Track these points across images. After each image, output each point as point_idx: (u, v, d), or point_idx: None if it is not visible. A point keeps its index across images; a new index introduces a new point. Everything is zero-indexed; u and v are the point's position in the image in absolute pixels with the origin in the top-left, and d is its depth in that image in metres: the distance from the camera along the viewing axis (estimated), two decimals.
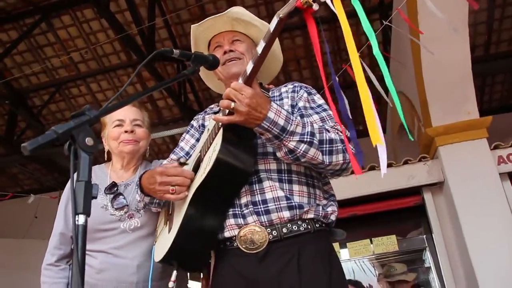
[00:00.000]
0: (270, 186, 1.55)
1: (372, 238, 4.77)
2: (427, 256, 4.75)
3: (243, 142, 1.53)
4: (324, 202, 1.64)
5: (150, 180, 1.62)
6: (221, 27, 1.82)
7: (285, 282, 1.46)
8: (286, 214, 1.53)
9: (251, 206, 1.54)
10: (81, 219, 1.01)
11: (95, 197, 1.05)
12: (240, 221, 1.54)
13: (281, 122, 1.41)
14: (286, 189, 1.56)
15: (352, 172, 4.39)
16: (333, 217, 1.63)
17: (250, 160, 1.53)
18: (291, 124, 1.43)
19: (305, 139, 1.43)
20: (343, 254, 4.79)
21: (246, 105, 1.37)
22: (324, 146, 1.47)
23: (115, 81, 8.00)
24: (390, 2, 5.95)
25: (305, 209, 1.55)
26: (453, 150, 4.67)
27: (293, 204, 1.54)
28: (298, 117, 1.50)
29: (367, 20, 1.34)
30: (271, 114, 1.40)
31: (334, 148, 1.49)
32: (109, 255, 1.88)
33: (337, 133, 1.54)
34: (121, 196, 1.97)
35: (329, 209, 1.63)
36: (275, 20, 1.35)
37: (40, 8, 6.86)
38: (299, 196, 1.57)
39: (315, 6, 1.29)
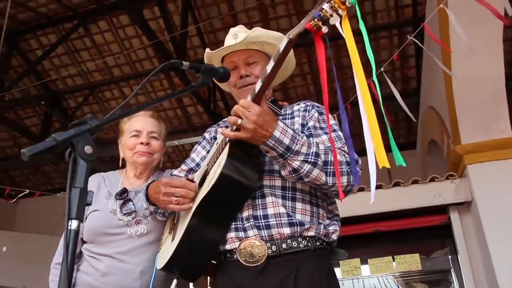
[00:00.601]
0: (273, 202, 1.56)
1: (395, 256, 4.67)
2: (453, 278, 4.62)
3: (249, 158, 1.55)
4: (327, 222, 1.64)
5: (155, 190, 1.65)
6: (235, 46, 1.83)
7: None
8: (287, 230, 1.53)
9: (252, 220, 1.55)
10: (73, 224, 1.03)
11: (89, 204, 1.07)
12: (241, 234, 1.55)
13: (287, 141, 1.42)
14: (288, 206, 1.57)
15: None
16: (334, 236, 1.62)
17: (254, 176, 1.55)
18: (297, 144, 1.44)
19: (309, 159, 1.44)
20: (364, 270, 4.70)
21: (253, 123, 1.39)
22: (329, 167, 1.47)
23: (147, 86, 8.14)
24: (423, 14, 5.87)
25: (306, 227, 1.55)
26: (483, 169, 4.54)
27: (294, 221, 1.54)
28: (304, 137, 1.50)
29: (369, 46, 1.34)
30: (276, 133, 1.41)
31: (339, 170, 1.48)
32: (114, 260, 1.91)
33: (343, 155, 1.54)
34: (130, 202, 2.01)
35: (331, 228, 1.62)
36: (285, 41, 1.38)
37: (78, 13, 7.08)
38: (301, 214, 1.57)
39: (324, 29, 1.32)
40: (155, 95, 8.34)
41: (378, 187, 4.71)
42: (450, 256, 4.63)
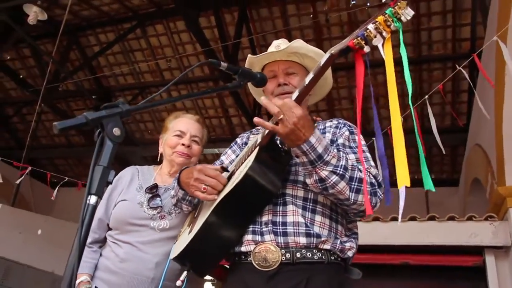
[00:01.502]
0: (293, 211, 1.57)
1: None
2: None
3: (275, 165, 1.56)
4: (345, 238, 1.62)
5: (188, 175, 1.67)
6: (276, 56, 1.84)
7: None
8: (303, 240, 1.52)
9: (271, 225, 1.55)
10: (92, 199, 1.06)
11: (110, 183, 1.10)
12: (258, 238, 1.55)
13: (320, 149, 1.42)
14: (307, 217, 1.56)
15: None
16: (350, 253, 1.60)
17: (278, 182, 1.55)
18: (328, 155, 1.44)
19: (337, 171, 1.43)
20: None
21: (292, 124, 1.39)
22: (353, 183, 1.46)
23: (195, 91, 8.30)
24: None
25: (322, 239, 1.54)
26: None
27: (311, 232, 1.53)
28: (335, 150, 1.50)
29: (408, 70, 1.34)
30: (312, 139, 1.42)
31: (362, 188, 1.47)
32: (133, 248, 1.97)
33: (369, 175, 1.52)
34: (158, 198, 2.06)
35: (347, 245, 1.60)
36: (326, 55, 1.39)
37: (138, 15, 7.33)
38: (319, 227, 1.56)
39: (366, 49, 1.33)
40: (202, 101, 8.49)
41: (412, 218, 4.59)
42: None
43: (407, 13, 1.30)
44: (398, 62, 1.36)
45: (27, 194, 10.05)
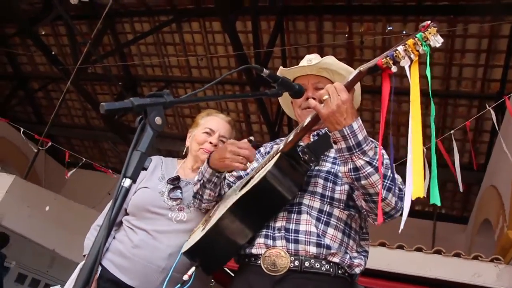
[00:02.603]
0: (307, 220, 1.58)
1: None
2: None
3: (294, 172, 1.59)
4: (355, 254, 1.63)
5: (220, 152, 1.70)
6: (307, 70, 1.86)
7: None
8: (313, 249, 1.54)
9: (284, 231, 1.57)
10: (127, 182, 1.09)
11: (145, 169, 1.13)
12: (269, 242, 1.58)
13: (360, 137, 1.42)
14: (320, 229, 1.58)
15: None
16: (357, 270, 1.61)
17: (294, 189, 1.57)
18: (367, 145, 1.43)
19: (373, 163, 1.43)
20: None
21: (336, 105, 1.40)
22: (386, 181, 1.46)
23: (220, 93, 8.36)
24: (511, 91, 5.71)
25: (332, 251, 1.55)
26: None
27: (322, 243, 1.55)
28: (373, 144, 1.50)
29: (430, 93, 1.37)
30: (355, 125, 1.42)
31: (393, 187, 1.47)
32: (149, 236, 1.98)
33: (398, 181, 1.53)
34: (179, 190, 2.08)
35: (356, 261, 1.61)
36: (355, 72, 1.44)
37: (176, 10, 7.44)
38: (330, 240, 1.57)
39: (394, 69, 1.37)
40: (226, 104, 8.55)
41: (418, 249, 4.58)
42: None
43: (436, 40, 1.33)
44: (423, 94, 1.39)
45: (40, 170, 10.17)
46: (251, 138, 1.80)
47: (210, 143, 2.15)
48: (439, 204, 1.33)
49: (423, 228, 8.20)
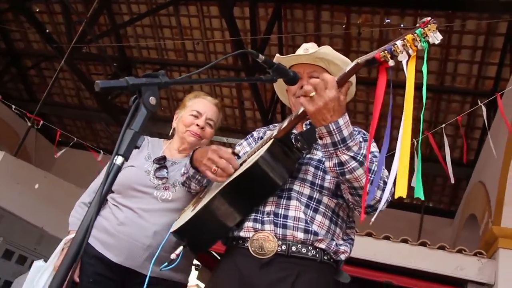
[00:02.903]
0: (296, 206, 1.61)
1: None
2: None
3: (286, 159, 1.60)
4: (341, 241, 1.66)
5: (202, 153, 1.71)
6: (303, 59, 1.88)
7: None
8: (300, 235, 1.57)
9: (272, 216, 1.60)
10: (119, 159, 1.11)
11: (138, 147, 1.15)
12: (258, 226, 1.60)
13: (345, 133, 1.44)
14: (308, 215, 1.61)
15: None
16: (342, 257, 1.64)
17: (285, 176, 1.59)
18: (352, 141, 1.46)
19: (357, 158, 1.45)
20: None
21: (323, 103, 1.41)
22: (371, 175, 1.48)
23: (232, 77, 8.34)
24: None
25: (319, 238, 1.58)
26: None
27: (310, 229, 1.58)
28: (358, 140, 1.52)
29: (425, 85, 1.38)
30: (340, 121, 1.43)
31: (377, 181, 1.48)
32: (134, 213, 2.01)
33: (384, 174, 1.54)
34: (164, 169, 2.11)
35: (342, 248, 1.64)
36: (352, 64, 1.45)
37: None
38: (318, 226, 1.60)
39: (391, 63, 1.38)
40: (220, 89, 8.53)
41: (404, 240, 4.64)
42: None
43: (435, 37, 1.34)
44: (417, 87, 1.40)
45: (30, 147, 10.12)
46: (238, 152, 1.81)
47: (197, 125, 2.17)
48: (422, 198, 1.35)
49: (410, 221, 8.30)
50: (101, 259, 1.97)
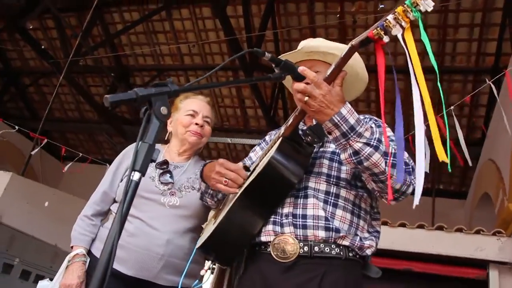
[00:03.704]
0: (314, 204, 1.58)
1: None
2: None
3: (297, 156, 1.58)
4: (366, 235, 1.62)
5: (211, 168, 1.71)
6: (298, 57, 1.84)
7: None
8: (322, 233, 1.54)
9: (291, 217, 1.57)
10: (136, 175, 1.07)
11: (154, 161, 1.12)
12: (278, 229, 1.57)
13: (352, 121, 1.41)
14: (328, 211, 1.57)
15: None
16: (368, 252, 1.60)
17: (299, 173, 1.56)
18: (361, 127, 1.42)
19: (371, 143, 1.42)
20: None
21: (319, 103, 1.40)
22: (388, 158, 1.44)
23: (213, 78, 8.30)
24: (506, 66, 5.70)
25: (341, 234, 1.54)
26: None
27: (331, 226, 1.54)
28: (369, 124, 1.49)
29: (431, 52, 1.34)
30: (343, 111, 1.41)
31: (398, 163, 1.42)
32: (143, 223, 1.97)
33: (405, 156, 1.51)
34: (168, 174, 2.07)
35: (367, 243, 1.60)
36: (347, 48, 1.42)
37: None
38: (340, 221, 1.56)
39: (386, 39, 1.33)
40: (219, 90, 8.50)
41: (420, 226, 4.60)
42: None
43: (427, 4, 1.29)
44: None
45: (36, 166, 10.10)
46: (247, 165, 1.80)
47: (196, 124, 2.14)
48: (447, 161, 1.28)
49: (422, 205, 8.05)
50: (114, 274, 1.91)
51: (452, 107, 3.66)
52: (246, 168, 1.74)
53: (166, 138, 2.29)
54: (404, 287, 4.58)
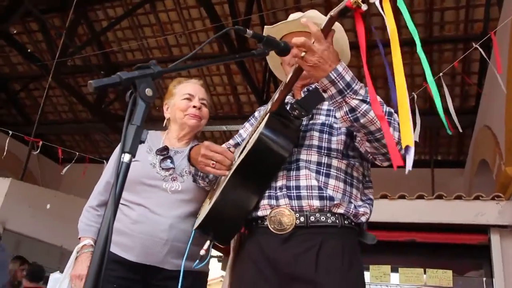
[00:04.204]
0: (306, 175, 1.59)
1: (427, 269, 4.57)
2: None
3: (285, 130, 1.59)
4: (359, 203, 1.64)
5: (197, 151, 1.72)
6: (291, 27, 1.84)
7: (300, 268, 1.50)
8: (316, 203, 1.55)
9: (285, 190, 1.58)
10: (126, 157, 1.08)
11: (143, 142, 1.12)
12: (273, 202, 1.59)
13: (348, 78, 1.41)
14: (321, 181, 1.58)
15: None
16: (363, 219, 1.62)
17: (288, 146, 1.58)
18: (357, 84, 1.42)
19: (367, 100, 1.41)
20: (393, 278, 4.63)
21: (317, 58, 1.40)
22: (387, 117, 1.44)
23: (203, 69, 8.29)
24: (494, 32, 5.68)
25: (335, 202, 1.55)
26: None
27: (325, 195, 1.55)
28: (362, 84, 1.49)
29: (410, 19, 1.34)
30: (339, 68, 1.41)
31: (393, 122, 1.46)
32: (146, 210, 1.98)
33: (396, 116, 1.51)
34: (169, 160, 2.08)
35: (361, 210, 1.61)
36: (326, 19, 1.43)
37: None
38: (333, 190, 1.58)
39: (364, 7, 1.33)
40: (211, 79, 8.48)
41: (420, 197, 4.63)
42: (485, 279, 4.48)
43: None
44: (406, 43, 1.35)
45: (35, 170, 10.10)
46: (238, 141, 1.82)
47: (194, 107, 2.14)
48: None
49: (421, 177, 8.29)
50: (121, 262, 1.94)
51: (441, 74, 3.65)
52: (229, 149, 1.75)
53: (164, 125, 2.28)
54: (408, 258, 4.63)
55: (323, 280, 1.47)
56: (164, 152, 2.09)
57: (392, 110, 1.52)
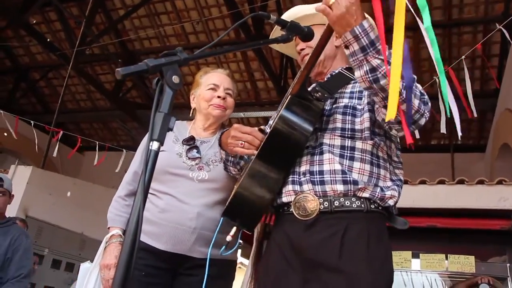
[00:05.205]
0: (329, 159, 1.56)
1: (448, 255, 4.53)
2: (508, 287, 4.42)
3: (306, 112, 1.58)
4: (388, 183, 1.59)
5: (227, 135, 1.72)
6: (314, 21, 1.78)
7: (324, 254, 1.48)
8: (340, 187, 1.52)
9: (308, 175, 1.57)
10: (154, 145, 1.08)
11: (171, 129, 1.12)
12: (297, 187, 1.57)
13: (372, 36, 1.38)
14: (345, 165, 1.55)
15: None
16: (391, 202, 1.57)
17: (307, 128, 1.56)
18: (380, 44, 1.38)
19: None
20: (414, 264, 4.60)
21: (345, 7, 1.37)
22: (405, 80, 1.38)
23: (221, 57, 8.27)
24: None
25: (359, 186, 1.52)
26: None
27: (348, 179, 1.52)
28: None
29: None
30: (365, 24, 1.37)
31: (414, 89, 1.41)
32: (173, 198, 1.99)
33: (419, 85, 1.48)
34: (195, 149, 2.08)
35: (388, 193, 1.56)
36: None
37: None
38: (358, 173, 1.54)
39: None
40: (228, 65, 8.46)
41: (441, 182, 4.58)
42: (508, 264, 4.42)
43: None
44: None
45: (55, 159, 10.23)
46: (262, 127, 1.79)
47: (218, 97, 2.14)
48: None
49: (440, 162, 8.21)
50: (150, 251, 1.95)
51: (463, 57, 3.59)
52: (262, 131, 1.74)
53: (190, 115, 2.29)
54: (429, 244, 4.60)
55: (347, 268, 1.45)
56: (190, 142, 2.10)
57: (415, 77, 1.46)
